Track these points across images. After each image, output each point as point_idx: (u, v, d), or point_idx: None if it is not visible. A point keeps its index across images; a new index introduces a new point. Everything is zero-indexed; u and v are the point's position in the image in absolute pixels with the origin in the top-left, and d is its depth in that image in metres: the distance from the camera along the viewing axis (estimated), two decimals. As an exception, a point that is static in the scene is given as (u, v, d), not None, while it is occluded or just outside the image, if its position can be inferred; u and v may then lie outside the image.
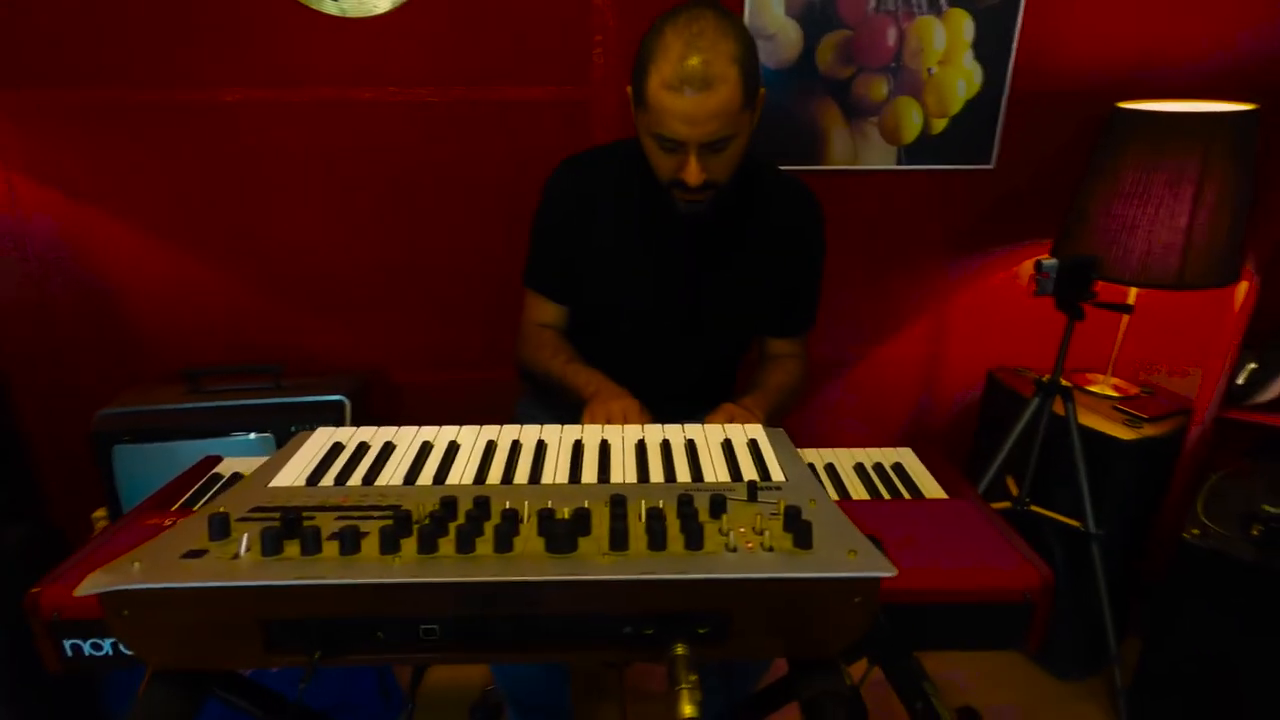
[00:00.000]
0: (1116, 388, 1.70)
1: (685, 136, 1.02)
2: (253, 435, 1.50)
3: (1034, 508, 1.56)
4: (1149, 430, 1.54)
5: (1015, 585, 0.77)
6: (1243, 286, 1.63)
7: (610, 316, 1.28)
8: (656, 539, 0.52)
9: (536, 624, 0.51)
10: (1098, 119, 1.56)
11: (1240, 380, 1.70)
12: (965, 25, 1.61)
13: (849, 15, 1.59)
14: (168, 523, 0.87)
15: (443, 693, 1.62)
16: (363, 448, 0.73)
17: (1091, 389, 1.70)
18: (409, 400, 1.81)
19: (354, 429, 0.77)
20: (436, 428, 0.77)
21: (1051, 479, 1.57)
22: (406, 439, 0.75)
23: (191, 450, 1.50)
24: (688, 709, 0.45)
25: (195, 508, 0.95)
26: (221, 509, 0.56)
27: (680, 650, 0.48)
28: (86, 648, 0.76)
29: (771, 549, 0.51)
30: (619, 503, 0.56)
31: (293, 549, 0.51)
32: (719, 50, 0.99)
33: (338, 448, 0.73)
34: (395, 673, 1.62)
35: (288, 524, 0.52)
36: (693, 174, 1.04)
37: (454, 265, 1.69)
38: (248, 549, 0.51)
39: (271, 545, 0.51)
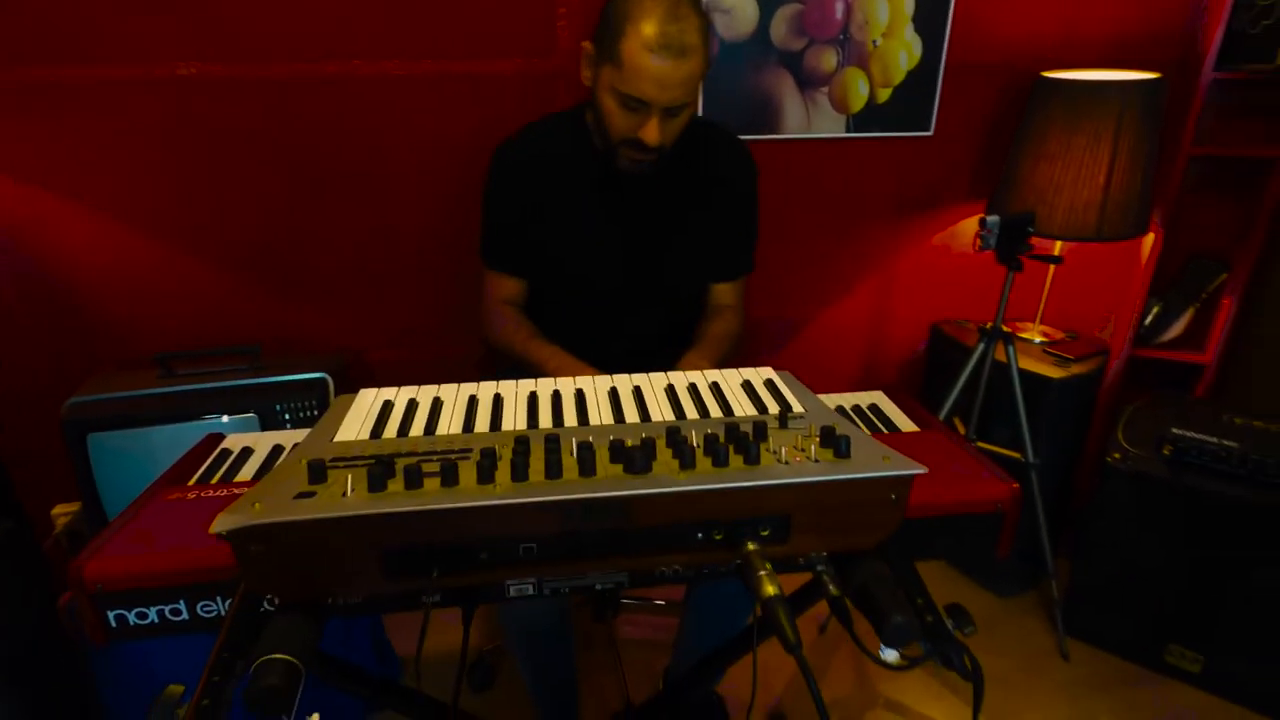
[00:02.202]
0: (1045, 334, 1.88)
1: (654, 98, 1.08)
2: (226, 418, 1.49)
3: (980, 444, 1.72)
4: (1075, 369, 1.73)
5: (989, 497, 0.90)
6: (1149, 238, 1.83)
7: (565, 283, 1.33)
8: (719, 458, 0.59)
9: (622, 536, 0.58)
10: (1025, 88, 1.71)
11: (1148, 322, 1.91)
12: None
13: (801, -11, 1.68)
14: (190, 496, 0.90)
15: (440, 657, 1.68)
16: (413, 404, 0.78)
17: (1023, 335, 1.88)
18: (385, 379, 1.81)
19: (396, 388, 0.81)
20: (477, 383, 0.82)
21: (993, 418, 1.74)
22: (451, 394, 0.80)
23: (170, 435, 1.49)
24: (770, 589, 0.53)
25: (213, 481, 0.98)
26: (311, 458, 0.60)
27: (751, 547, 0.57)
28: (132, 617, 0.79)
29: (817, 460, 0.60)
30: (675, 432, 0.64)
31: (395, 485, 0.56)
32: (693, 22, 1.07)
33: (389, 405, 0.77)
34: (390, 638, 1.66)
35: (383, 465, 0.57)
36: (652, 134, 1.11)
37: (426, 240, 1.70)
38: (353, 489, 0.56)
39: (377, 483, 0.56)
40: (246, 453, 1.05)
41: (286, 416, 1.50)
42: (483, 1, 1.55)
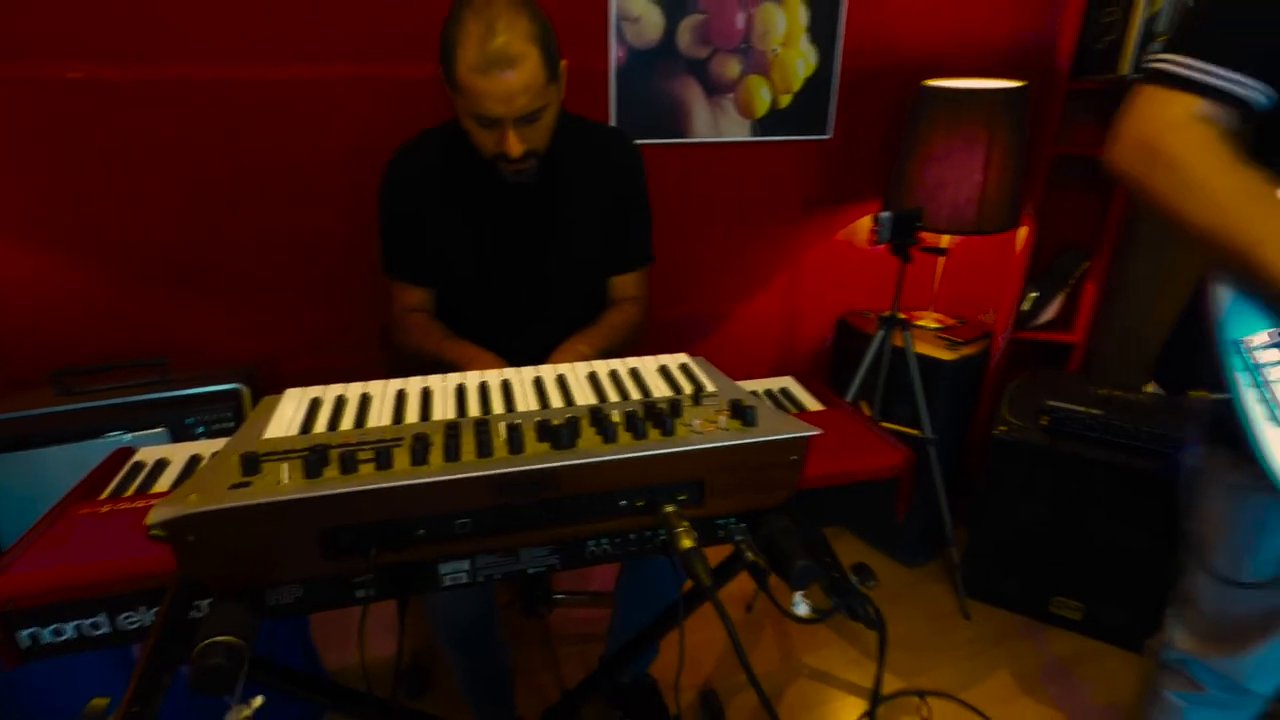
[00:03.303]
0: (938, 320, 2.04)
1: (499, 114, 1.11)
2: (132, 435, 1.43)
3: (885, 424, 1.85)
4: (964, 351, 1.89)
5: (885, 464, 0.99)
6: (1023, 230, 2.02)
7: (466, 289, 1.35)
8: (639, 431, 0.65)
9: (552, 507, 0.62)
10: (911, 94, 1.86)
11: (1025, 307, 2.11)
12: (801, 11, 1.84)
13: (704, 0, 1.76)
14: (103, 510, 0.88)
15: (371, 666, 1.66)
16: (341, 400, 0.79)
17: (919, 323, 2.03)
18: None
19: (323, 386, 0.83)
20: (405, 379, 0.84)
21: (894, 399, 1.88)
22: (379, 389, 0.82)
23: (68, 456, 1.42)
24: (687, 542, 0.59)
25: (127, 493, 0.95)
26: (244, 452, 0.61)
27: (670, 508, 0.62)
28: (46, 634, 0.77)
29: (727, 429, 0.66)
30: (597, 411, 0.68)
31: (331, 471, 0.58)
32: (516, 30, 1.07)
33: (317, 402, 0.78)
34: (318, 644, 1.63)
35: (317, 454, 0.60)
36: (513, 146, 1.13)
37: (336, 246, 1.68)
38: (289, 477, 0.58)
39: (313, 470, 0.58)
40: (162, 465, 1.03)
41: (200, 429, 1.46)
42: (394, 6, 1.56)
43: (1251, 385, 0.87)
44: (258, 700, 0.57)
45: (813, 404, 1.19)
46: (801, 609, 0.77)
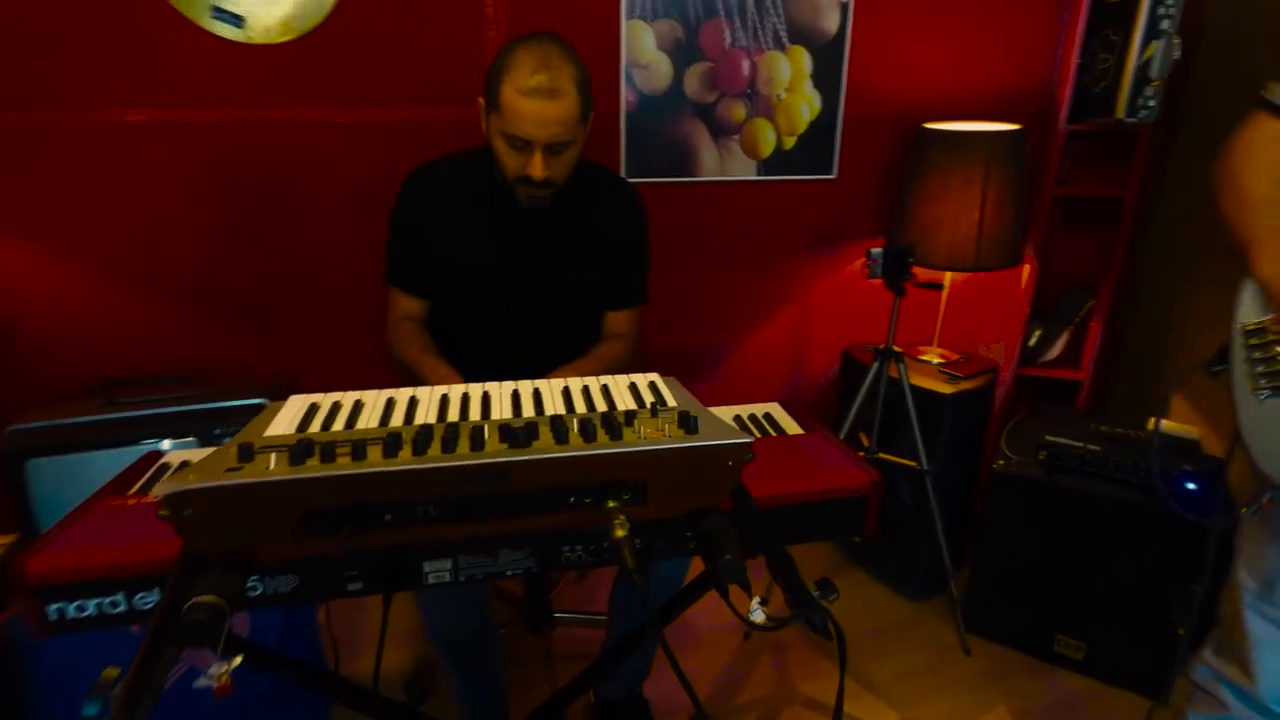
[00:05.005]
0: (941, 355, 2.07)
1: (533, 136, 1.24)
2: (168, 443, 1.55)
3: (881, 454, 1.88)
4: (964, 385, 1.91)
5: (854, 484, 1.03)
6: (1025, 269, 2.05)
7: (464, 304, 1.45)
8: (589, 435, 0.72)
9: (505, 499, 0.69)
10: (912, 136, 1.93)
11: (1031, 344, 2.12)
12: (804, 59, 1.94)
13: (710, 49, 1.87)
14: (130, 503, 0.98)
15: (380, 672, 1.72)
16: (336, 405, 0.88)
17: (922, 357, 2.06)
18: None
19: (324, 394, 0.92)
20: (395, 389, 0.93)
21: (894, 431, 1.91)
22: (371, 398, 0.91)
23: (111, 461, 1.55)
24: (620, 532, 0.65)
25: (153, 491, 1.05)
26: (241, 443, 0.70)
27: (612, 504, 0.69)
28: (71, 610, 0.86)
29: (670, 435, 0.73)
30: (557, 418, 0.76)
31: (313, 461, 0.67)
32: (564, 71, 1.24)
33: (314, 406, 0.88)
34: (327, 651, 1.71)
35: (304, 446, 0.68)
36: (537, 168, 1.26)
37: (358, 272, 1.80)
38: (276, 464, 0.66)
39: (297, 459, 0.66)
40: (186, 466, 1.13)
41: (226, 440, 1.57)
42: (419, 57, 1.70)
43: (1244, 361, 1.10)
44: (237, 659, 0.64)
45: (793, 428, 1.25)
46: (758, 615, 0.82)
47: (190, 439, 1.56)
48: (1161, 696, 1.60)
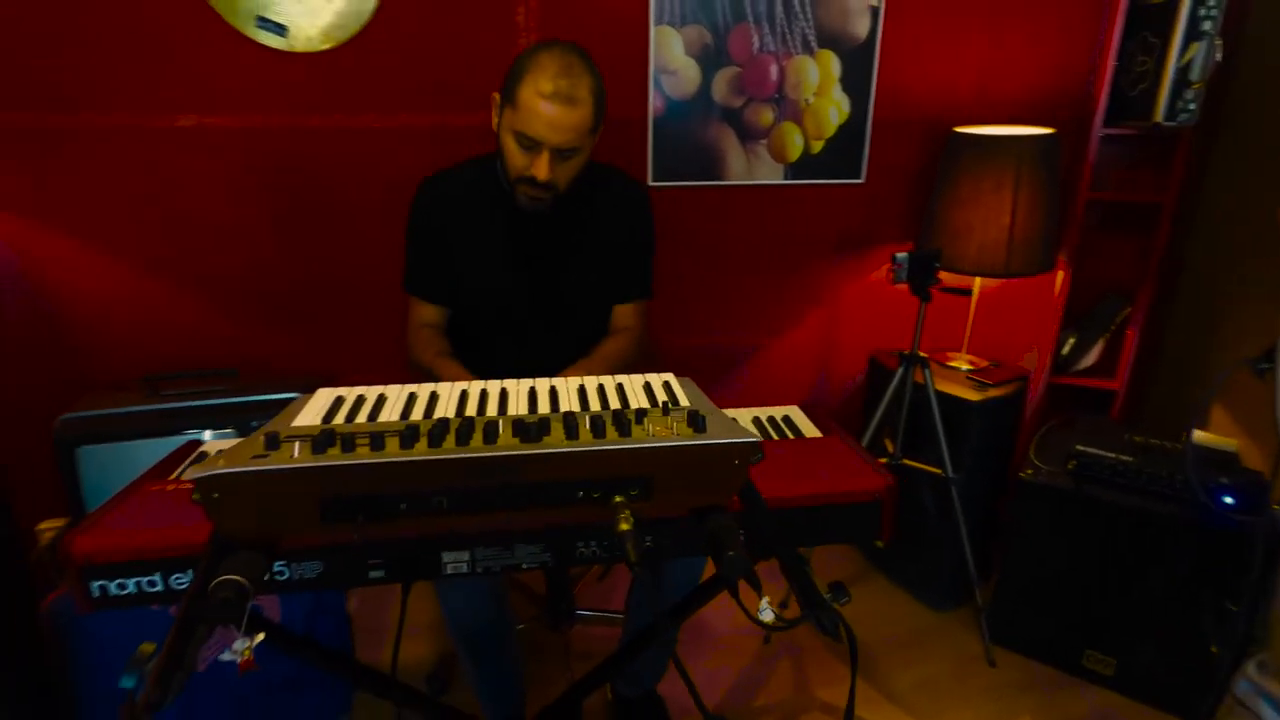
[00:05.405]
0: (970, 362, 2.05)
1: (545, 138, 1.27)
2: (208, 434, 1.62)
3: (906, 461, 1.86)
4: (992, 393, 1.88)
5: (868, 488, 1.03)
6: (1059, 275, 2.01)
7: (475, 306, 1.49)
8: (599, 431, 0.74)
9: (515, 491, 0.71)
10: (942, 140, 1.91)
11: (1065, 352, 2.08)
12: (833, 63, 1.94)
13: (738, 54, 1.88)
14: (170, 489, 1.03)
15: (400, 667, 1.77)
16: (360, 399, 0.92)
17: (951, 364, 2.04)
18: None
19: (349, 388, 0.95)
20: (418, 385, 0.96)
21: (921, 438, 1.89)
22: (394, 393, 0.94)
23: (155, 449, 1.61)
24: (624, 525, 0.67)
25: (184, 475, 1.10)
26: (269, 432, 0.74)
27: (618, 499, 0.71)
28: (113, 588, 0.91)
29: (677, 433, 0.74)
30: (570, 415, 0.78)
31: (334, 450, 0.70)
32: (584, 81, 1.27)
33: (340, 400, 0.91)
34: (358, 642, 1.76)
35: (326, 436, 0.71)
36: (542, 170, 1.29)
37: (392, 279, 1.86)
38: (299, 452, 0.69)
39: (319, 448, 0.69)
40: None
41: (261, 431, 1.63)
42: (453, 63, 1.75)
43: None
44: (259, 636, 0.67)
45: (811, 431, 1.25)
46: (767, 614, 0.83)
47: (228, 430, 1.63)
48: (1197, 717, 1.56)
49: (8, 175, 1.61)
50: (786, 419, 1.29)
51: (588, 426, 0.75)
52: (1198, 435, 1.75)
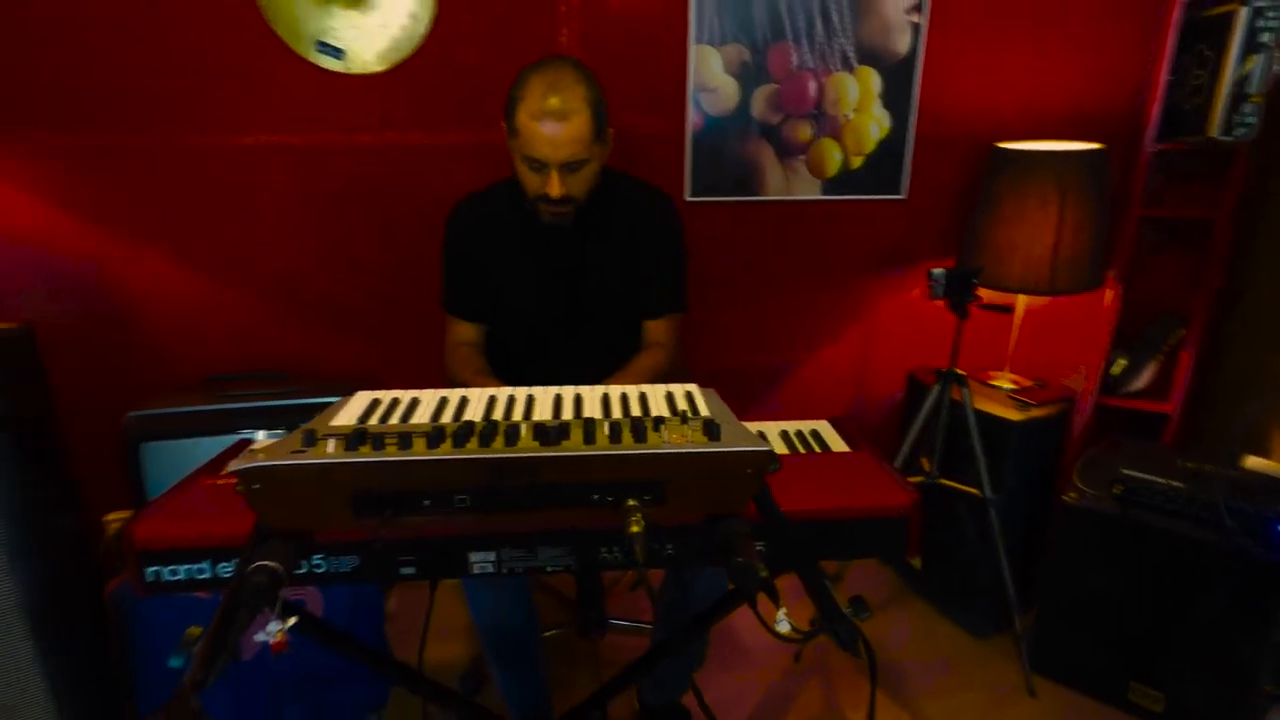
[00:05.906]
0: (1013, 381, 2.00)
1: (547, 158, 1.30)
2: (262, 433, 1.70)
3: (942, 480, 1.83)
4: (1035, 413, 1.84)
5: (893, 503, 1.03)
6: (1108, 294, 1.95)
7: (510, 323, 1.53)
8: (616, 437, 0.76)
9: (534, 491, 0.74)
10: (983, 156, 1.89)
11: (1114, 372, 2.02)
12: (874, 79, 1.94)
13: (777, 72, 1.90)
14: (221, 483, 1.09)
15: (434, 667, 1.81)
16: (395, 401, 0.97)
17: (993, 383, 2.00)
18: (401, 406, 2.03)
19: (385, 391, 1.01)
20: (449, 389, 1.01)
21: (959, 458, 1.85)
22: (428, 396, 0.99)
23: (212, 447, 1.70)
24: (635, 528, 0.69)
25: (227, 466, 1.17)
26: (307, 429, 0.79)
27: (631, 503, 0.73)
28: (165, 573, 0.98)
29: (692, 441, 0.76)
30: (590, 421, 0.81)
31: (365, 448, 0.74)
32: (574, 92, 1.30)
33: (376, 402, 0.96)
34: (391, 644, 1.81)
35: (359, 434, 0.76)
36: (554, 187, 1.32)
37: (432, 288, 1.92)
38: (333, 449, 0.74)
39: (352, 446, 0.74)
40: (268, 452, 1.24)
41: (310, 433, 1.71)
42: (494, 83, 1.80)
43: None
44: (291, 619, 0.72)
45: (839, 445, 1.25)
46: (783, 626, 0.84)
47: (280, 430, 1.71)
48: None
49: (99, 190, 1.74)
50: (815, 433, 1.30)
51: (605, 432, 0.77)
52: (1255, 463, 1.67)
